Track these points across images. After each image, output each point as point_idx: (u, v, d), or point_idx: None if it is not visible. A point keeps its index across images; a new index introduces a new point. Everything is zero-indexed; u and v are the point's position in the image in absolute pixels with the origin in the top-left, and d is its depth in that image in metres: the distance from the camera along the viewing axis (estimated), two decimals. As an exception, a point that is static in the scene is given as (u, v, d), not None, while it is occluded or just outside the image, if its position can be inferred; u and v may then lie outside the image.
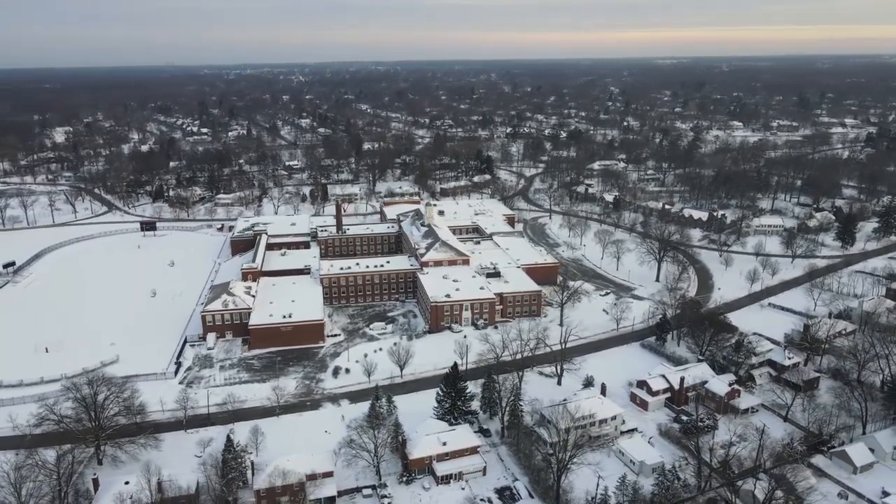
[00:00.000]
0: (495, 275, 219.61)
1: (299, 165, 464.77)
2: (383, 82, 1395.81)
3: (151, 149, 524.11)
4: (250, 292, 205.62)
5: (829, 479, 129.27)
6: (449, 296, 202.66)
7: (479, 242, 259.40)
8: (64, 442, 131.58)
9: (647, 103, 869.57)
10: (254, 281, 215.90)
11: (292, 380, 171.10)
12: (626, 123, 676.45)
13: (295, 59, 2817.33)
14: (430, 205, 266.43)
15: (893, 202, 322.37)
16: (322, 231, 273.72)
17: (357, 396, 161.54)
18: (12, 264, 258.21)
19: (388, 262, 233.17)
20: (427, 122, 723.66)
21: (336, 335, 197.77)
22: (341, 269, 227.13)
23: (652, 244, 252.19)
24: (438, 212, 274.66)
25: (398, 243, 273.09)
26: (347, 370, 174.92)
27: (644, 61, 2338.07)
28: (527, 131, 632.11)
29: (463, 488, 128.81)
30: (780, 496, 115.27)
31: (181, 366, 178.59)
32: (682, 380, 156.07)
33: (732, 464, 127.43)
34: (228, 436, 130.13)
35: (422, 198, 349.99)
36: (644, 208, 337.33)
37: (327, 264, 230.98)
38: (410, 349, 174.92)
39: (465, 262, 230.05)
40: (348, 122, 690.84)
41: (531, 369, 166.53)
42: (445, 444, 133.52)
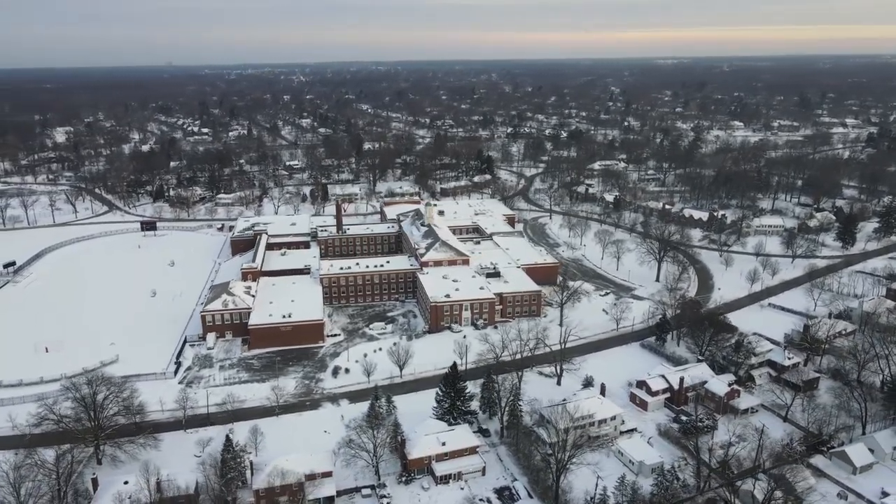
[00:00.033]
0: (495, 275, 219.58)
1: (300, 165, 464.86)
2: (384, 82, 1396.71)
3: (152, 149, 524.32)
4: (250, 292, 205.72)
5: (828, 480, 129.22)
6: (449, 296, 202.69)
7: (479, 242, 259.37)
8: (63, 441, 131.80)
9: (647, 103, 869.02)
10: (254, 281, 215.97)
11: (292, 380, 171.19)
12: (627, 123, 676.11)
13: (295, 60, 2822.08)
14: (430, 205, 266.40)
15: (894, 202, 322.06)
16: (322, 231, 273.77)
17: (356, 396, 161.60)
18: (13, 264, 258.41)
19: (388, 262, 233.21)
20: (428, 122, 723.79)
21: (336, 335, 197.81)
22: (341, 268, 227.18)
23: (652, 244, 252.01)
24: (438, 212, 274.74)
25: (398, 243, 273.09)
26: (347, 370, 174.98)
27: (645, 61, 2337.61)
28: (527, 131, 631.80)
29: (462, 488, 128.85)
30: (779, 496, 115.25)
31: (181, 366, 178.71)
32: (682, 380, 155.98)
33: (732, 464, 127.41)
34: (227, 436, 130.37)
35: (422, 198, 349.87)
36: (644, 208, 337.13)
37: (327, 264, 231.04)
38: (410, 349, 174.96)
39: (465, 262, 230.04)
40: (349, 121, 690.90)
41: (531, 369, 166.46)
42: (444, 444, 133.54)
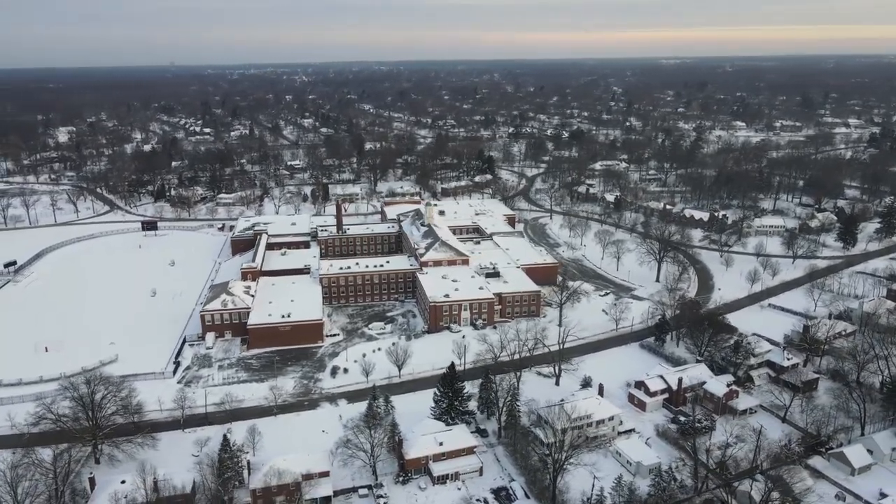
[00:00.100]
0: (494, 275, 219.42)
1: (301, 165, 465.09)
2: (386, 82, 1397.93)
3: (154, 148, 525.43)
4: (249, 292, 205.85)
5: (826, 481, 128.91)
6: (448, 296, 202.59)
7: (479, 242, 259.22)
8: (61, 441, 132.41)
9: (649, 103, 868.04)
10: (253, 280, 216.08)
11: (290, 379, 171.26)
12: (629, 123, 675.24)
13: (295, 60, 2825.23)
14: (430, 205, 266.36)
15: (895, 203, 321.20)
16: (322, 231, 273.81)
17: (355, 396, 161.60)
18: (14, 263, 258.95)
19: (388, 262, 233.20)
20: (429, 122, 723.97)
21: (335, 335, 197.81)
22: (341, 268, 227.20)
23: (652, 244, 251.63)
24: (439, 212, 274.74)
25: (398, 243, 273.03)
26: (346, 370, 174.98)
27: (647, 61, 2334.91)
28: (529, 131, 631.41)
29: (459, 488, 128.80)
30: (776, 497, 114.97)
31: (179, 365, 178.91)
32: (681, 380, 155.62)
33: (729, 465, 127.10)
34: (225, 435, 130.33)
35: (423, 198, 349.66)
36: (645, 208, 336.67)
37: (327, 264, 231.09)
38: (409, 349, 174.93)
39: (465, 262, 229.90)
40: (351, 121, 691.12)
41: (529, 370, 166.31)
42: (442, 444, 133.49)
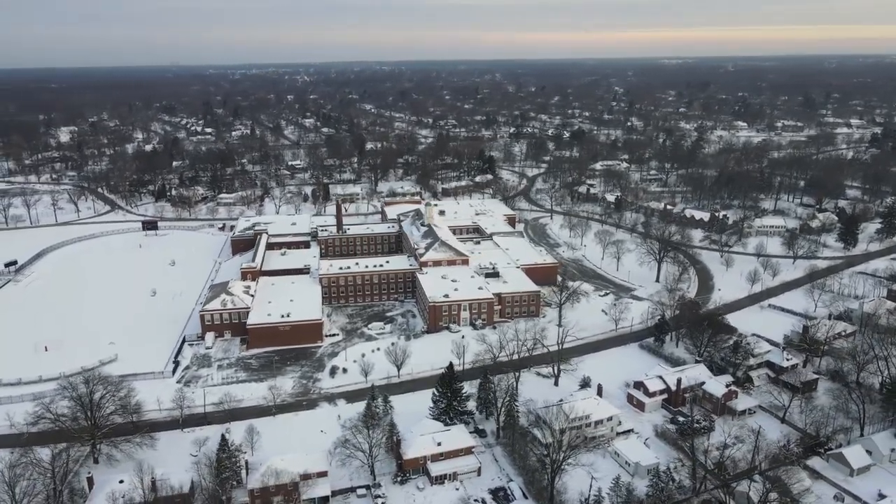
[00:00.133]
0: (494, 275, 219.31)
1: (302, 165, 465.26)
2: (388, 82, 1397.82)
3: (155, 148, 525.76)
4: (249, 292, 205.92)
5: (825, 482, 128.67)
6: (447, 296, 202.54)
7: (479, 242, 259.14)
8: (60, 440, 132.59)
9: (651, 103, 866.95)
10: (253, 280, 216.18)
11: (289, 379, 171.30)
12: (630, 123, 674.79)
13: (296, 60, 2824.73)
14: (430, 205, 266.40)
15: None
16: (322, 231, 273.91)
17: (354, 396, 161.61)
18: (14, 263, 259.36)
19: (388, 262, 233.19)
20: (430, 121, 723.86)
21: (334, 335, 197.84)
22: (340, 268, 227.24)
23: (652, 244, 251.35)
24: (439, 212, 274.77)
25: (398, 243, 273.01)
26: (345, 370, 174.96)
27: (649, 61, 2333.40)
28: (530, 131, 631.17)
29: (457, 488, 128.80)
30: (774, 498, 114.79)
31: (179, 365, 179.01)
32: (679, 381, 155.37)
33: (727, 465, 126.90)
34: (223, 435, 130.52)
35: (423, 198, 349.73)
36: (646, 209, 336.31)
37: (327, 264, 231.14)
38: (408, 349, 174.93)
39: (465, 262, 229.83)
40: (352, 121, 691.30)
41: (528, 370, 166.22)
42: (440, 444, 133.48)
